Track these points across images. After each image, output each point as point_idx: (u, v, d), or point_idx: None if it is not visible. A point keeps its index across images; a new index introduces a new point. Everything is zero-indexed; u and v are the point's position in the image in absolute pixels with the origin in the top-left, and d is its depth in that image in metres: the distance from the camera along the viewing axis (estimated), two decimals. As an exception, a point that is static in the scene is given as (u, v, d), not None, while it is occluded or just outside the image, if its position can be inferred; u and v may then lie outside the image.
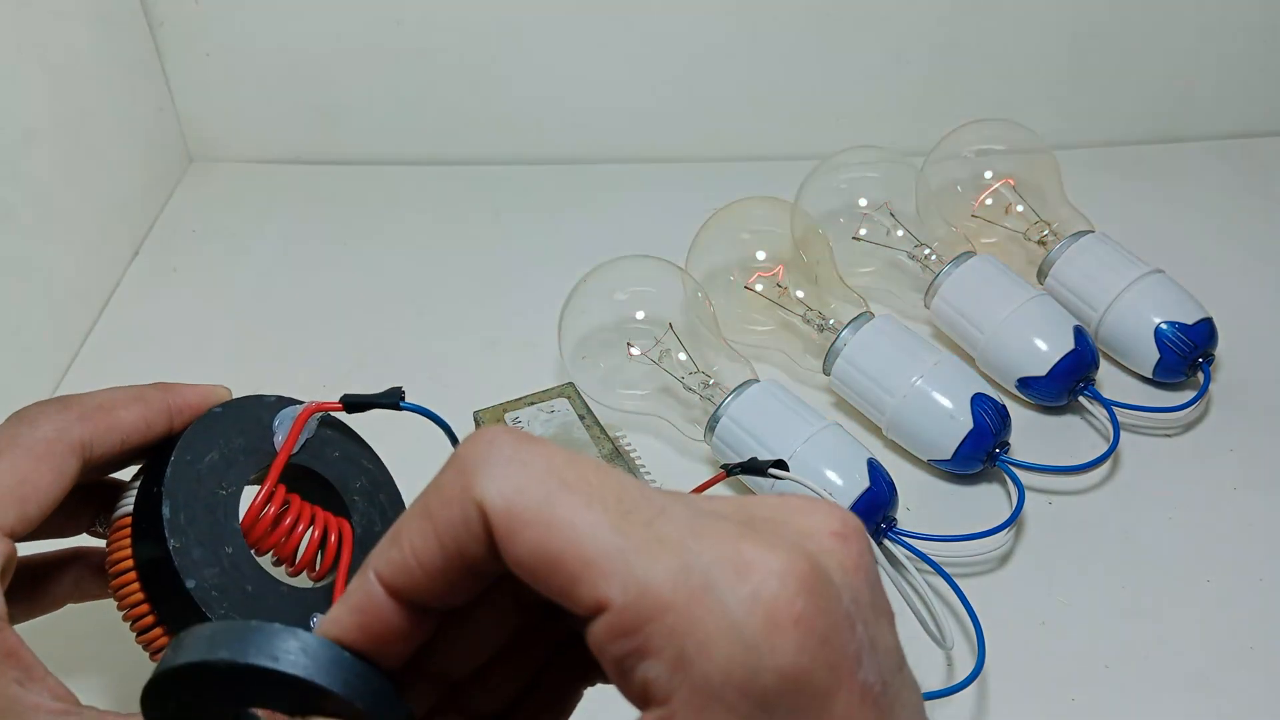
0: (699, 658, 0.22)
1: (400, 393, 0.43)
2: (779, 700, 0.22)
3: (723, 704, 0.22)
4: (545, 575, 0.23)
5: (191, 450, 0.40)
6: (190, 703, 0.26)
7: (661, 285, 0.58)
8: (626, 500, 0.23)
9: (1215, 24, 0.73)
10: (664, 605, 0.22)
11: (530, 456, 0.24)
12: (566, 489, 0.23)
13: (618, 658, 0.23)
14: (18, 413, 0.39)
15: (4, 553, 0.36)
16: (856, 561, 0.24)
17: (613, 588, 0.22)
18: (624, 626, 0.22)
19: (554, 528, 0.23)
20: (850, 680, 0.23)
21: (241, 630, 0.24)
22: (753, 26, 0.73)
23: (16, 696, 0.35)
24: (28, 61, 0.62)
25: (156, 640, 0.38)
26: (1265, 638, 0.49)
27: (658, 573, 0.22)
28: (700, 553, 0.23)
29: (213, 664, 0.24)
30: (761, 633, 0.22)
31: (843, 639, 0.23)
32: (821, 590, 0.23)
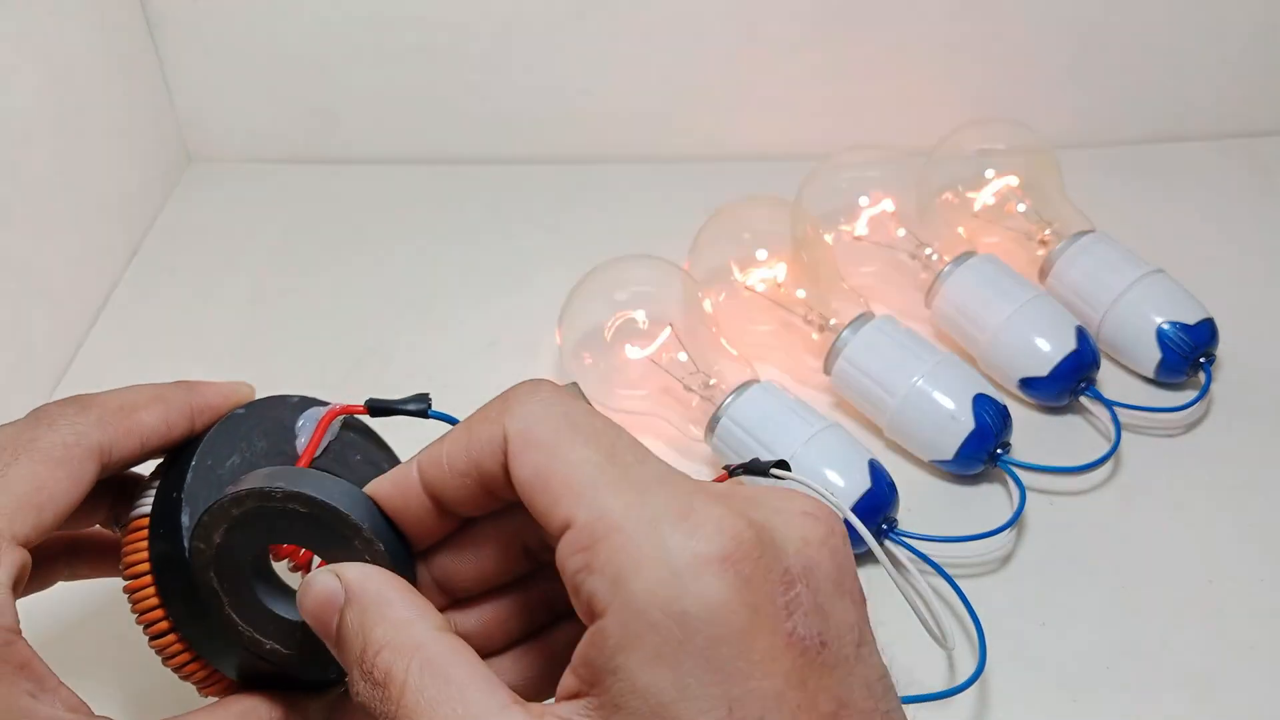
0: (632, 576, 0.25)
1: (428, 399, 0.42)
2: (699, 626, 0.25)
3: (647, 620, 0.25)
4: (536, 492, 0.27)
5: (213, 455, 0.39)
6: (232, 534, 0.30)
7: (661, 285, 0.58)
8: (618, 448, 0.28)
9: (1215, 24, 0.73)
10: (613, 527, 0.26)
11: (555, 401, 0.29)
12: (573, 430, 0.28)
13: (573, 571, 0.26)
14: (35, 412, 0.38)
15: (19, 562, 0.35)
16: (821, 539, 0.27)
17: (579, 508, 0.26)
18: (581, 542, 0.26)
19: (552, 455, 0.27)
20: (776, 624, 0.25)
21: (296, 472, 0.30)
22: (753, 26, 0.73)
23: (30, 709, 0.34)
24: (27, 61, 0.62)
25: (171, 645, 0.37)
26: (1265, 638, 0.49)
27: (616, 503, 0.26)
28: (658, 494, 0.26)
29: (269, 491, 0.29)
30: (688, 564, 0.25)
31: (770, 587, 0.26)
32: (753, 544, 0.26)
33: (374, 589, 0.29)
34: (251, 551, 0.30)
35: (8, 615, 0.35)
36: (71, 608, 0.50)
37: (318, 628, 0.30)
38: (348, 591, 0.29)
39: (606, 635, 0.25)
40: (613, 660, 0.25)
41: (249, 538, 0.30)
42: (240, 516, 0.29)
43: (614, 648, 0.25)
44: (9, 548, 0.35)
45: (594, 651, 0.26)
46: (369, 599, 0.29)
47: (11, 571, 0.35)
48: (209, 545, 0.30)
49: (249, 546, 0.30)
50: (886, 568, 0.46)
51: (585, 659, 0.26)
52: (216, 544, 0.30)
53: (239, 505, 0.29)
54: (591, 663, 0.26)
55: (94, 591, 0.49)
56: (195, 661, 0.37)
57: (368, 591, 0.29)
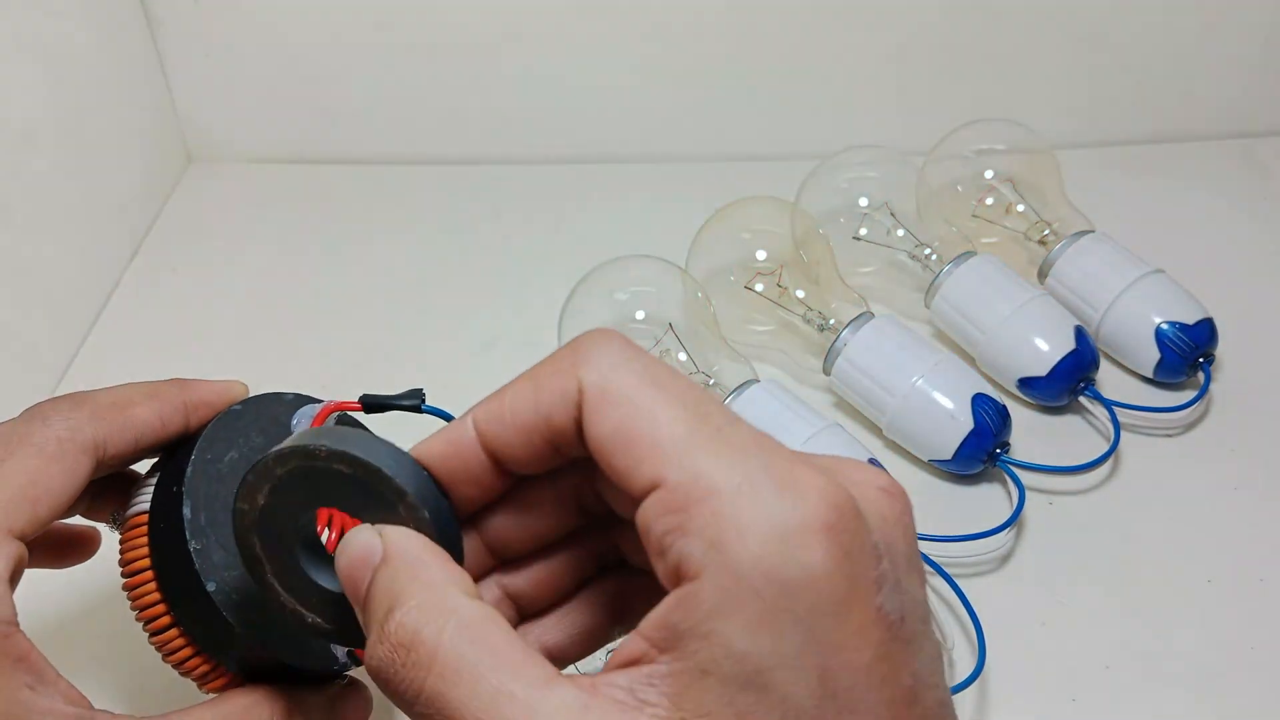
0: (735, 542, 0.24)
1: (421, 395, 0.42)
2: (801, 594, 0.24)
3: (748, 587, 0.24)
4: (618, 451, 0.26)
5: (212, 449, 0.39)
6: (276, 496, 0.29)
7: (661, 285, 0.58)
8: (705, 406, 0.26)
9: (1215, 24, 0.73)
10: (712, 490, 0.25)
11: (634, 354, 0.27)
12: (656, 386, 0.26)
13: (661, 533, 0.25)
14: (30, 409, 0.38)
15: (15, 555, 0.35)
16: (897, 516, 0.26)
17: (670, 469, 0.25)
18: (672, 504, 0.25)
19: (636, 412, 0.26)
20: (868, 598, 0.25)
21: (343, 431, 0.29)
22: (753, 26, 0.73)
23: (29, 701, 0.34)
24: (27, 61, 0.62)
25: (172, 641, 0.37)
26: (1265, 638, 0.49)
27: (713, 465, 0.25)
28: (756, 459, 0.25)
29: (314, 450, 0.28)
30: (795, 531, 0.24)
31: (865, 561, 0.25)
32: (853, 516, 0.25)
33: (413, 550, 0.27)
34: (296, 516, 0.29)
35: (6, 608, 0.35)
36: (71, 601, 0.50)
37: (349, 586, 0.28)
38: (385, 550, 0.27)
39: (700, 599, 0.24)
40: (705, 624, 0.24)
41: (293, 500, 0.29)
42: (284, 476, 0.29)
43: (709, 612, 0.24)
44: (5, 541, 0.35)
45: (680, 615, 0.25)
46: (406, 559, 0.27)
47: (8, 564, 0.35)
48: (252, 507, 0.29)
49: (293, 510, 0.29)
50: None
51: (665, 622, 0.25)
52: (260, 505, 0.29)
53: (283, 463, 0.28)
54: (675, 626, 0.25)
55: (93, 585, 0.49)
56: (197, 657, 0.37)
57: (406, 551, 0.27)
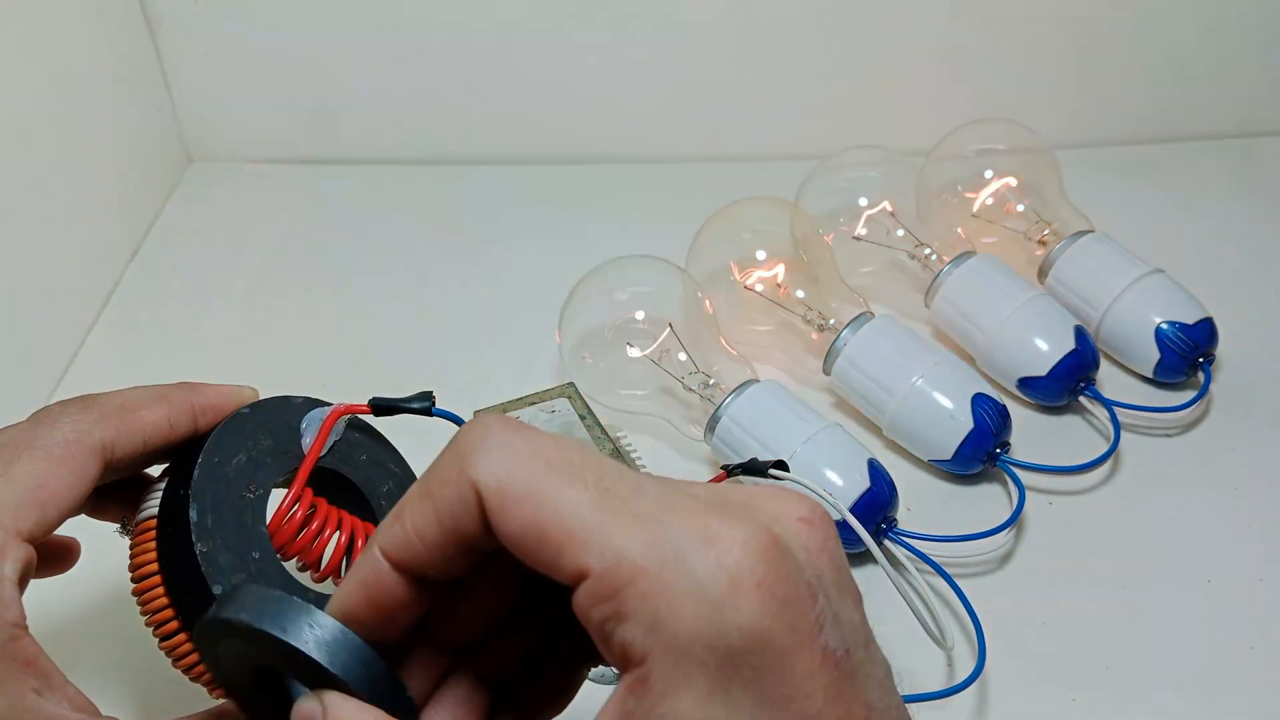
0: (670, 618, 0.24)
1: (431, 398, 0.42)
2: (744, 657, 0.24)
3: (694, 660, 0.24)
4: (533, 548, 0.25)
5: (219, 452, 0.39)
6: (228, 648, 0.29)
7: (661, 285, 0.58)
8: (606, 479, 0.26)
9: (1215, 24, 0.73)
10: (638, 571, 0.24)
11: (519, 441, 0.26)
12: (551, 470, 0.25)
13: (599, 622, 0.25)
14: (38, 413, 0.38)
15: (23, 558, 0.35)
16: (820, 544, 0.26)
17: (591, 556, 0.24)
18: (603, 592, 0.24)
19: (540, 504, 0.25)
20: (811, 642, 0.24)
21: (267, 599, 0.27)
22: (753, 26, 0.73)
23: (35, 706, 0.34)
24: (27, 61, 0.62)
25: (181, 645, 0.37)
26: (1265, 638, 0.49)
27: (632, 543, 0.24)
28: (671, 524, 0.25)
29: (235, 622, 0.27)
30: (726, 594, 0.24)
31: (802, 605, 0.25)
32: (782, 560, 0.25)
33: (348, 712, 0.27)
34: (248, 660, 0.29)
35: (14, 610, 0.35)
36: (80, 605, 0.50)
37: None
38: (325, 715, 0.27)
39: (651, 682, 0.24)
40: (658, 707, 0.24)
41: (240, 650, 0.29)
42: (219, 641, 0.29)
43: (660, 693, 0.24)
44: (14, 543, 0.35)
45: (634, 702, 0.24)
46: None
47: (17, 567, 0.35)
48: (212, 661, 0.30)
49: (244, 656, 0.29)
50: (885, 568, 0.46)
51: (622, 711, 0.25)
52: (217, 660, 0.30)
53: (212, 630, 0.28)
54: (630, 713, 0.25)
55: (102, 589, 0.49)
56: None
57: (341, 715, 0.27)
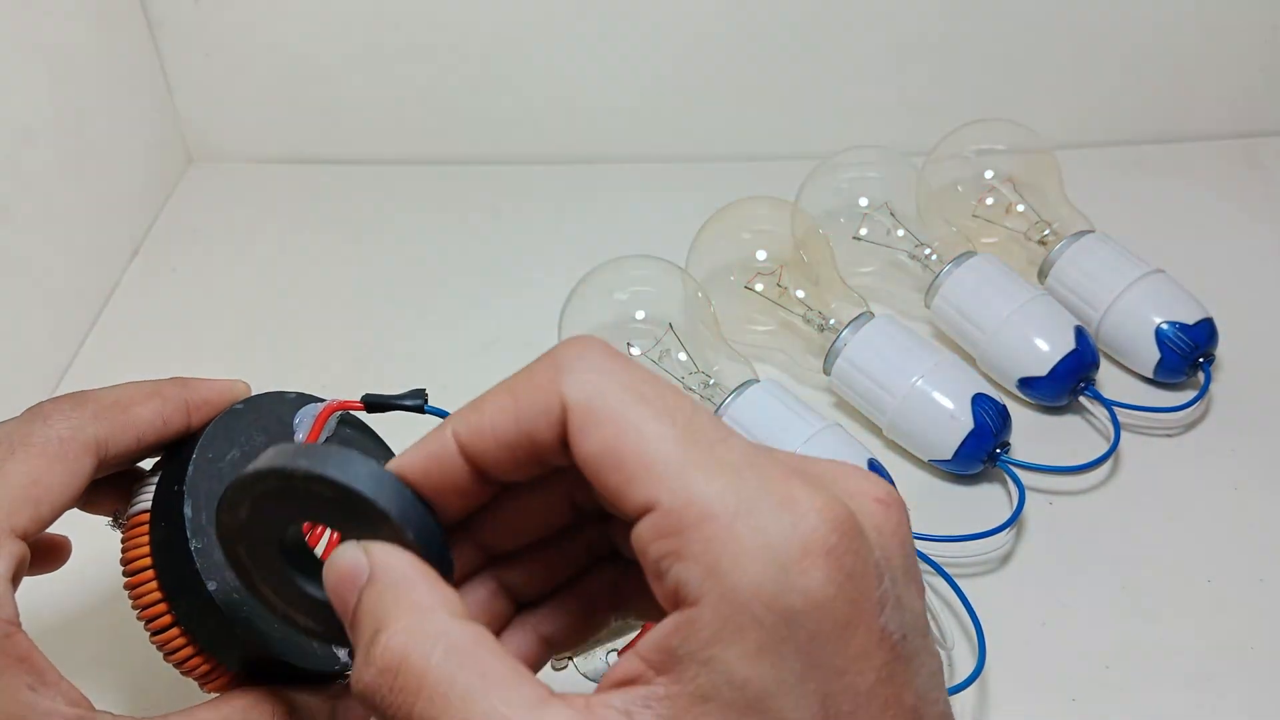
0: (732, 569, 0.24)
1: (424, 395, 0.42)
2: (802, 621, 0.24)
3: (748, 614, 0.24)
4: (607, 471, 0.25)
5: (213, 448, 0.39)
6: (258, 510, 0.28)
7: (661, 285, 0.58)
8: (695, 422, 0.25)
9: (1215, 24, 0.73)
10: (708, 515, 0.24)
11: (617, 367, 0.26)
12: (643, 401, 0.25)
13: (656, 557, 0.25)
14: (31, 409, 0.38)
15: (17, 554, 0.35)
16: (894, 528, 0.26)
17: (663, 491, 0.24)
18: (667, 528, 0.24)
19: (624, 430, 0.25)
20: (871, 620, 0.24)
21: (323, 450, 0.28)
22: (752, 26, 0.73)
23: (30, 702, 0.34)
24: (28, 61, 0.62)
25: (173, 640, 0.37)
26: (1265, 638, 0.49)
27: (708, 486, 0.24)
28: (751, 479, 0.24)
29: (291, 471, 0.27)
30: (794, 557, 0.24)
31: (868, 582, 0.24)
32: (854, 535, 0.24)
33: (400, 570, 0.27)
34: (280, 527, 0.29)
35: (7, 607, 0.35)
36: (73, 601, 0.50)
37: (337, 604, 0.28)
38: (372, 569, 0.27)
39: (699, 626, 0.24)
40: (705, 650, 0.24)
41: (275, 514, 0.29)
42: (264, 492, 0.28)
43: (708, 639, 0.24)
44: (8, 540, 0.35)
45: (679, 640, 0.24)
46: (391, 579, 0.27)
47: (10, 563, 0.35)
48: (234, 519, 0.29)
49: (276, 523, 0.29)
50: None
51: (664, 646, 0.24)
52: (242, 518, 0.29)
53: (262, 481, 0.28)
54: (673, 651, 0.24)
55: (95, 585, 0.49)
56: (197, 656, 0.37)
57: (392, 571, 0.27)
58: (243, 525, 0.29)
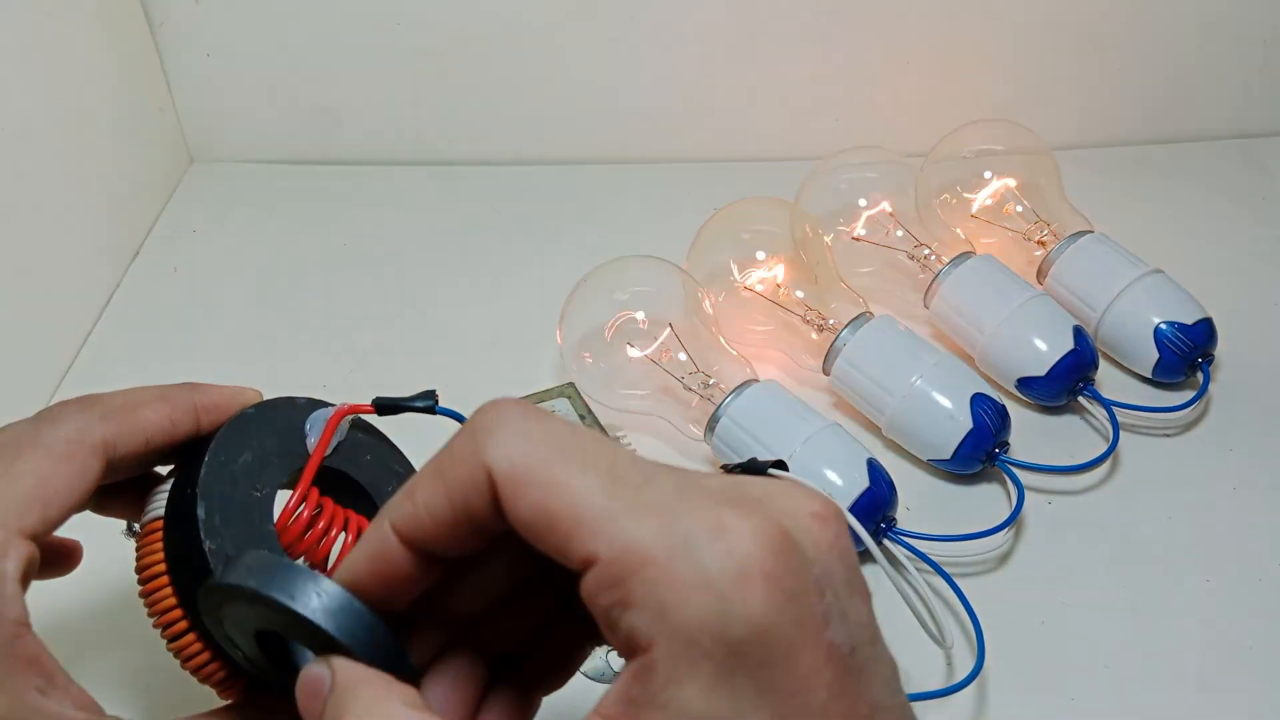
0: (676, 607, 0.24)
1: (434, 396, 0.42)
2: (749, 649, 0.24)
3: (699, 649, 0.24)
4: (542, 532, 0.25)
5: (225, 451, 0.39)
6: (233, 613, 0.29)
7: (661, 285, 0.58)
8: (619, 467, 0.26)
9: (1215, 24, 0.73)
10: (646, 560, 0.24)
11: (533, 426, 0.26)
12: (564, 456, 0.26)
13: (605, 608, 0.25)
14: (40, 412, 0.38)
15: (26, 555, 0.35)
16: (832, 541, 0.26)
17: (600, 544, 0.25)
18: (610, 579, 0.25)
19: (551, 489, 0.25)
20: (817, 637, 0.25)
21: (274, 566, 0.28)
22: (753, 26, 0.73)
23: (38, 705, 0.34)
24: (28, 61, 0.62)
25: (189, 646, 0.37)
26: (1265, 638, 0.49)
27: (641, 531, 0.25)
28: (682, 514, 0.25)
29: (241, 589, 0.28)
30: (733, 586, 0.24)
31: (810, 600, 0.25)
32: (791, 554, 0.25)
33: (357, 674, 0.28)
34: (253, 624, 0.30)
35: (16, 608, 0.35)
36: (83, 603, 0.50)
37: (308, 714, 0.29)
38: (333, 679, 0.28)
39: (655, 670, 0.24)
40: (662, 694, 0.24)
41: (246, 614, 0.29)
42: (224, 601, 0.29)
43: (664, 681, 0.24)
44: (17, 541, 0.35)
45: (638, 688, 0.25)
46: (349, 683, 0.28)
47: (20, 564, 0.35)
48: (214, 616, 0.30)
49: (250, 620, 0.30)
50: (885, 568, 0.46)
51: (624, 697, 0.25)
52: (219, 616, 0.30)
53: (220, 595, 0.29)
54: (634, 699, 0.25)
55: (105, 587, 0.49)
56: (215, 662, 0.37)
57: (350, 677, 0.28)
58: (221, 616, 0.30)
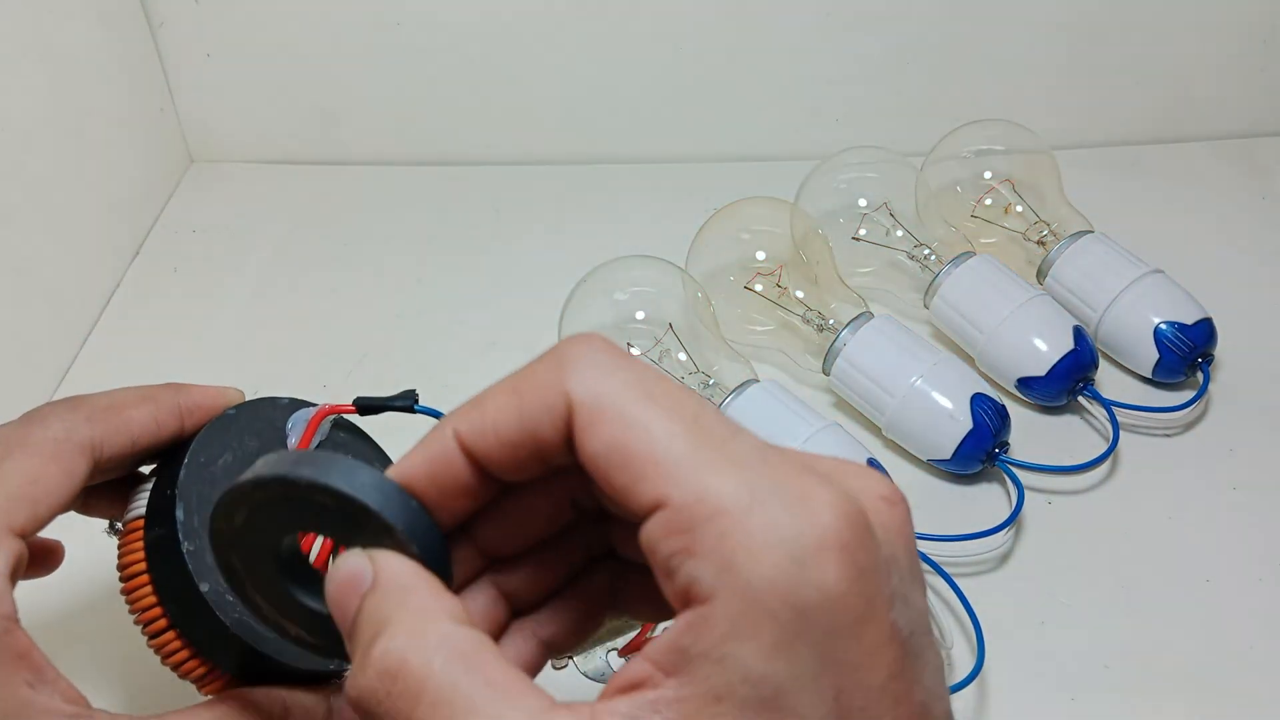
0: (748, 563, 0.23)
1: (414, 395, 0.42)
2: (817, 616, 0.23)
3: (764, 610, 0.23)
4: (614, 468, 0.25)
5: (205, 452, 0.39)
6: (255, 518, 0.28)
7: (661, 285, 0.58)
8: (704, 419, 0.25)
9: (1215, 24, 0.73)
10: (720, 510, 0.24)
11: (623, 363, 0.26)
12: (649, 398, 0.25)
13: (667, 555, 0.24)
14: (28, 413, 0.39)
15: (15, 552, 0.36)
16: (899, 526, 0.26)
17: (673, 487, 0.24)
18: (678, 524, 0.24)
19: (632, 427, 0.25)
20: (883, 616, 0.24)
21: (325, 457, 0.27)
22: (752, 26, 0.73)
23: (27, 699, 0.34)
24: (28, 61, 0.63)
25: (169, 644, 0.37)
26: (1265, 638, 0.49)
27: (720, 482, 0.24)
28: (764, 474, 0.24)
29: (294, 480, 0.27)
30: (810, 551, 0.23)
31: (879, 578, 0.24)
32: (865, 531, 0.24)
33: (403, 577, 0.26)
34: (277, 536, 0.29)
35: (6, 604, 0.35)
36: (72, 599, 0.50)
37: (337, 611, 0.27)
38: (376, 576, 0.26)
39: (713, 622, 0.24)
40: (719, 648, 0.23)
41: (272, 523, 0.28)
42: (262, 501, 0.28)
43: (722, 636, 0.23)
44: (6, 538, 0.36)
45: (691, 638, 0.24)
46: (395, 586, 0.26)
47: (9, 561, 0.35)
48: (229, 527, 0.29)
49: (273, 531, 0.29)
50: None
51: (675, 646, 0.24)
52: (238, 525, 0.29)
53: (261, 489, 0.27)
54: (685, 650, 0.24)
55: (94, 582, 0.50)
56: (194, 659, 0.37)
57: (396, 577, 0.26)
58: (238, 533, 0.29)
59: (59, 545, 0.43)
